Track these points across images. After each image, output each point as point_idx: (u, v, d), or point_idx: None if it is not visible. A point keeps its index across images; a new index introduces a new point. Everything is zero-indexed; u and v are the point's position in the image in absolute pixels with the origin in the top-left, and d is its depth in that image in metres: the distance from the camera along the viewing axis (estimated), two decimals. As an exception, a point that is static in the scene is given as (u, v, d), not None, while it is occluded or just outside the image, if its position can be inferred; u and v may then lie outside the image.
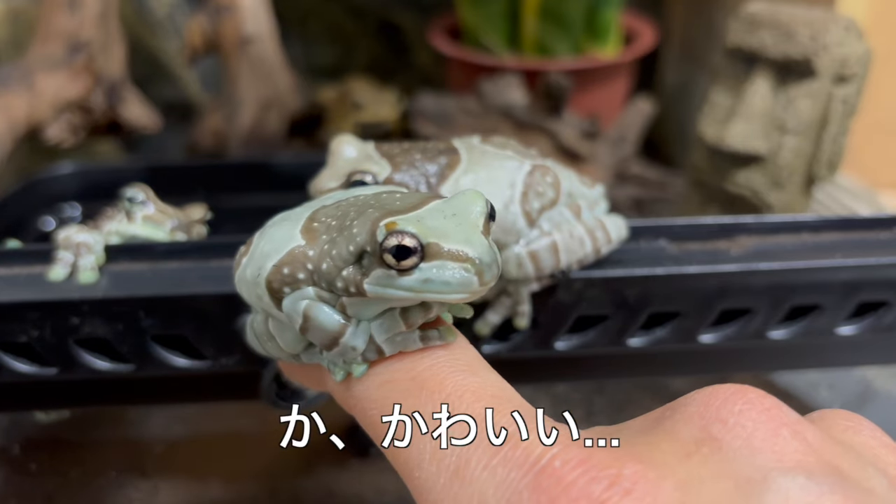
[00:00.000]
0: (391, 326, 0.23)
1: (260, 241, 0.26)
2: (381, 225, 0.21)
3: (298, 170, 0.53)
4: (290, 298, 0.24)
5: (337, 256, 0.23)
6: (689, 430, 0.19)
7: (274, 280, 0.24)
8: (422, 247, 0.21)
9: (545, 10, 0.76)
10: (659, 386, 0.49)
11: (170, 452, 0.44)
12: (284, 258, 0.24)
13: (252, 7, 0.66)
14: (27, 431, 0.45)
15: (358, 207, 0.24)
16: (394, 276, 0.21)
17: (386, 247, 0.21)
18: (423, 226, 0.21)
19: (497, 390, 0.22)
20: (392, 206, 0.23)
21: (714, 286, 0.34)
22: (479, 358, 0.24)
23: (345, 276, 0.22)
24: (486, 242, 0.22)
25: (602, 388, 0.49)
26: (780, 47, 0.50)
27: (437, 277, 0.21)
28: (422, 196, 0.24)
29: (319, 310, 0.23)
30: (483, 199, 0.23)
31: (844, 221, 0.38)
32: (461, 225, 0.22)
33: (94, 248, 0.34)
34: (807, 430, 0.19)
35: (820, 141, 0.52)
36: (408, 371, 0.23)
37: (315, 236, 0.24)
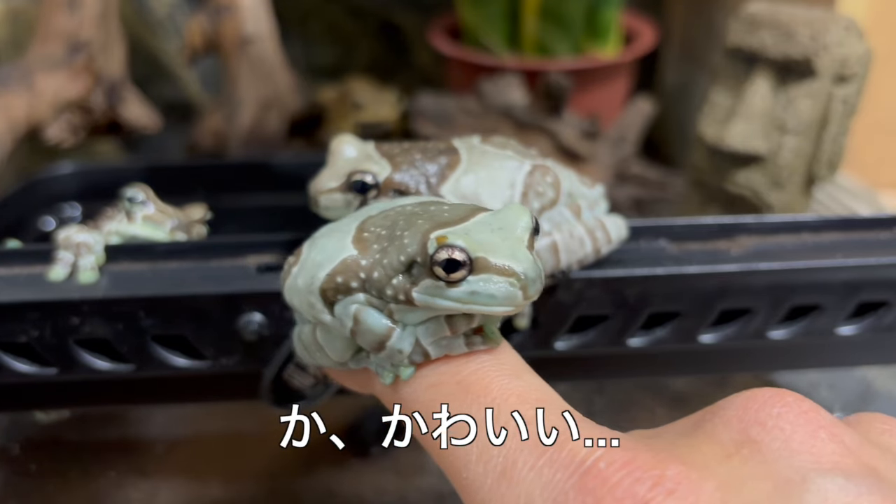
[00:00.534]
0: (437, 330, 0.24)
1: (311, 251, 0.26)
2: (433, 237, 0.22)
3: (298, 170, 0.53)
4: (341, 304, 0.25)
5: (388, 265, 0.24)
6: (728, 432, 0.20)
7: (328, 288, 0.25)
8: (470, 260, 0.22)
9: (545, 10, 0.76)
10: (659, 386, 0.49)
11: (170, 453, 0.44)
12: (338, 267, 0.25)
13: (252, 7, 0.66)
14: (27, 431, 0.45)
15: (406, 217, 0.25)
16: (442, 287, 0.22)
17: (436, 259, 0.22)
18: (472, 239, 0.22)
19: (541, 394, 0.22)
20: (441, 218, 0.24)
21: (714, 286, 0.34)
22: (523, 362, 0.24)
23: (395, 284, 0.23)
24: (531, 257, 0.23)
25: (602, 387, 0.49)
26: (780, 47, 0.50)
27: (484, 290, 0.22)
28: (468, 208, 0.25)
29: (368, 314, 0.24)
30: (528, 213, 0.24)
31: (844, 221, 0.38)
32: (507, 239, 0.23)
33: (94, 248, 0.34)
34: (844, 432, 0.19)
35: (820, 141, 0.52)
36: (454, 374, 0.23)
37: (366, 246, 0.25)
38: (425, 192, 0.31)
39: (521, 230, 0.23)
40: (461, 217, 0.24)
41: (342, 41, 0.95)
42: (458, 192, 0.31)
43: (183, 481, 0.42)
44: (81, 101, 0.61)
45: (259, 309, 0.33)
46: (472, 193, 0.31)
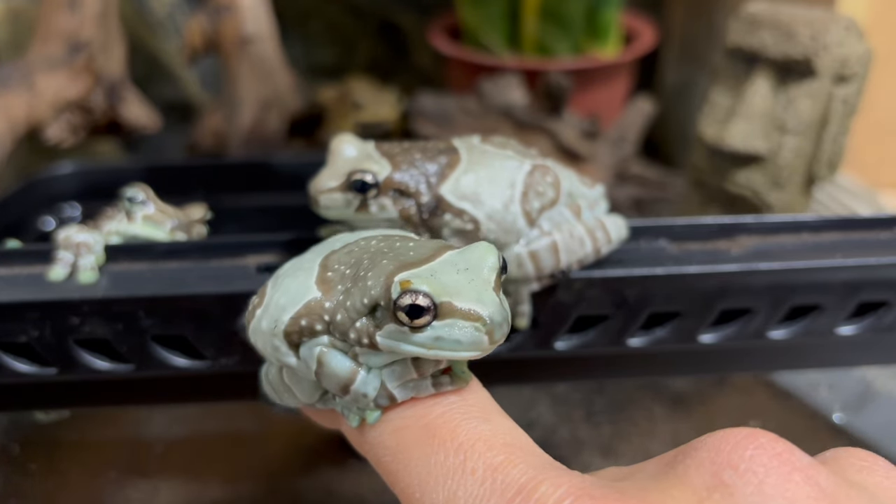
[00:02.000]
0: (403, 373, 0.23)
1: (274, 292, 0.26)
2: (396, 281, 0.22)
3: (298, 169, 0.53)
4: (306, 346, 0.24)
5: (351, 308, 0.23)
6: (700, 476, 0.19)
7: (292, 332, 0.24)
8: (435, 305, 0.21)
9: (545, 10, 0.76)
10: (659, 386, 0.49)
11: (170, 452, 0.44)
12: (301, 310, 0.24)
13: (252, 7, 0.66)
14: (27, 431, 0.45)
15: (370, 256, 0.24)
16: (406, 333, 0.22)
17: (400, 305, 0.21)
18: (437, 282, 0.22)
19: (509, 438, 0.22)
20: (406, 258, 0.23)
21: (714, 286, 0.34)
22: (492, 402, 0.24)
23: (358, 327, 0.23)
24: (497, 300, 0.22)
25: (602, 387, 0.49)
26: (780, 47, 0.50)
27: (449, 336, 0.22)
28: (434, 246, 0.24)
29: (332, 356, 0.24)
30: (495, 253, 0.23)
31: (844, 221, 0.38)
32: (473, 281, 0.22)
33: (94, 247, 0.34)
34: (819, 473, 0.19)
35: (820, 141, 0.52)
36: (420, 418, 0.23)
37: (330, 287, 0.24)
38: (425, 192, 0.31)
39: (488, 271, 0.23)
40: (426, 256, 0.23)
41: (342, 41, 0.95)
42: (457, 192, 0.31)
43: (183, 481, 0.42)
44: (81, 101, 0.61)
45: (259, 309, 0.33)
46: (471, 193, 0.31)
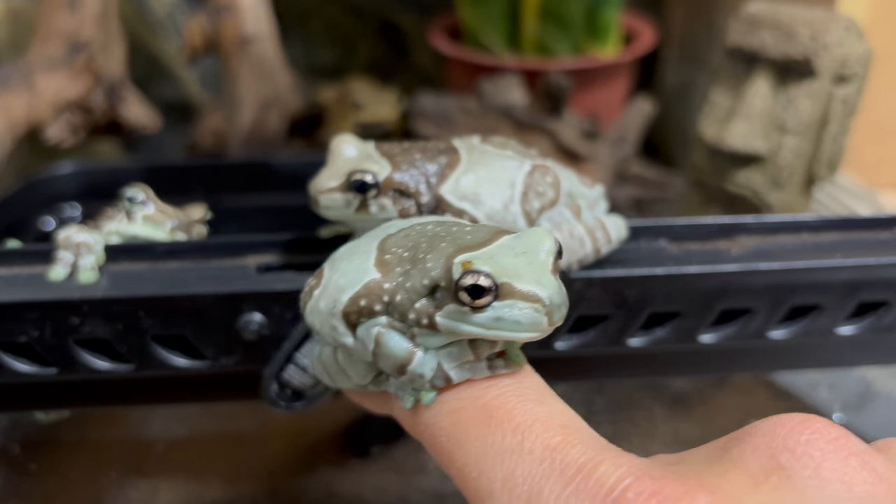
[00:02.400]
0: (460, 355, 0.24)
1: (332, 274, 0.26)
2: (457, 262, 0.22)
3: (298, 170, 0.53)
4: (364, 326, 0.24)
5: (411, 289, 0.23)
6: (756, 459, 0.19)
7: (351, 312, 0.25)
8: (496, 286, 0.22)
9: (545, 10, 0.76)
10: (660, 386, 0.49)
11: (170, 452, 0.44)
12: (361, 290, 0.24)
13: (252, 7, 0.66)
14: (27, 431, 0.45)
15: (428, 239, 0.25)
16: (467, 313, 0.22)
17: (462, 285, 0.22)
18: (497, 264, 0.22)
19: (566, 420, 0.22)
20: (464, 241, 0.24)
21: (714, 286, 0.34)
22: (546, 386, 0.24)
23: (417, 308, 0.23)
24: (555, 283, 0.22)
25: (602, 387, 0.49)
26: (780, 47, 0.50)
27: (509, 317, 0.22)
28: (491, 230, 0.24)
29: (391, 337, 0.24)
30: (552, 237, 0.24)
31: (844, 221, 0.38)
32: (532, 264, 0.23)
33: (94, 247, 0.34)
34: (875, 459, 0.19)
35: (820, 141, 0.52)
36: (476, 399, 0.23)
37: (389, 269, 0.24)
38: (425, 192, 0.31)
39: (545, 254, 0.23)
40: (484, 240, 0.23)
41: (342, 41, 0.95)
42: (457, 192, 0.31)
43: (183, 481, 0.42)
44: (81, 101, 0.61)
45: (259, 309, 0.33)
46: (471, 193, 0.31)
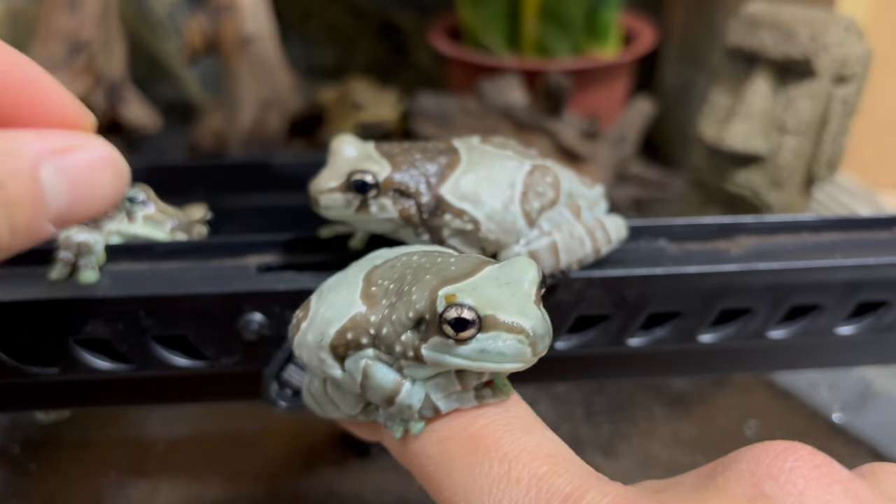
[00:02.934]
0: (447, 385, 0.24)
1: (319, 306, 0.26)
2: (441, 295, 0.22)
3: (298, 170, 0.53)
4: (352, 359, 0.25)
5: (397, 322, 0.24)
6: (741, 487, 0.20)
7: (339, 344, 0.25)
8: (479, 318, 0.22)
9: (545, 11, 0.76)
10: (659, 386, 0.49)
11: (170, 452, 0.44)
12: (347, 324, 0.25)
13: (252, 7, 0.66)
14: (27, 431, 0.45)
15: (413, 271, 0.25)
16: (451, 345, 0.22)
17: (446, 318, 0.22)
18: (480, 296, 0.22)
19: (553, 449, 0.22)
20: (448, 273, 0.24)
21: (714, 286, 0.34)
22: (533, 415, 0.24)
23: (403, 340, 0.23)
24: (539, 313, 0.23)
25: (602, 387, 0.49)
26: (780, 47, 0.50)
27: (493, 348, 0.22)
28: (475, 261, 0.25)
29: (378, 369, 0.24)
30: (535, 267, 0.24)
31: (844, 221, 0.38)
32: (515, 294, 0.23)
33: (95, 247, 0.34)
34: (858, 486, 0.19)
35: (820, 141, 0.52)
36: (464, 429, 0.23)
37: (375, 301, 0.25)
38: (425, 192, 0.31)
39: (528, 284, 0.23)
40: (468, 271, 0.24)
41: (342, 41, 0.95)
42: (457, 192, 0.31)
43: (183, 481, 0.42)
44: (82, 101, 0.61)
45: (259, 309, 0.33)
46: (471, 193, 0.31)
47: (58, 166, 0.22)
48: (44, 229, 0.22)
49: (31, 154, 0.21)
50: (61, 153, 0.22)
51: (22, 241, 0.22)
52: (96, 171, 0.22)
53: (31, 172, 0.21)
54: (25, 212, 0.21)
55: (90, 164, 0.22)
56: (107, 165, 0.23)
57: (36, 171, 0.21)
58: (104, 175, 0.23)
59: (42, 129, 0.22)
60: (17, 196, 0.20)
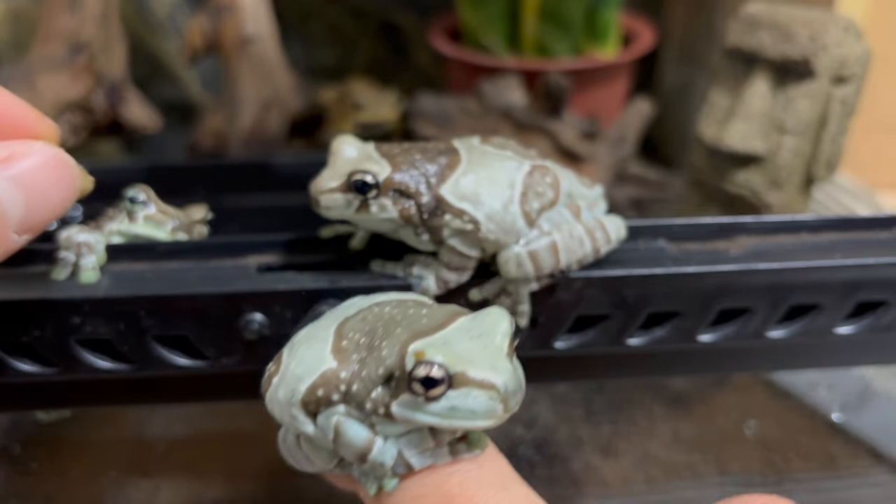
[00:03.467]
0: (420, 442, 0.24)
1: (290, 361, 0.26)
2: (411, 352, 0.22)
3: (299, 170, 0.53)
4: (323, 415, 0.24)
5: (367, 378, 0.23)
6: None
7: (309, 402, 0.24)
8: (449, 376, 0.22)
9: (545, 11, 0.76)
10: (659, 385, 0.49)
11: (171, 452, 0.44)
12: (318, 380, 0.24)
13: (252, 7, 0.66)
14: (28, 431, 0.45)
15: (385, 324, 0.25)
16: (421, 403, 0.22)
17: (415, 376, 0.21)
18: (451, 351, 0.22)
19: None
20: (419, 326, 0.23)
21: (713, 286, 0.35)
22: (508, 468, 0.24)
23: (374, 397, 0.23)
24: (510, 368, 0.22)
25: (602, 387, 0.49)
26: (779, 48, 0.50)
27: (464, 406, 0.22)
28: (447, 312, 0.24)
29: (349, 426, 0.24)
30: (507, 318, 0.24)
31: (843, 221, 0.38)
32: (487, 348, 0.22)
33: (96, 247, 0.34)
34: None
35: (819, 141, 0.52)
36: (438, 486, 0.23)
37: (346, 356, 0.24)
38: (425, 192, 0.31)
39: (501, 337, 0.23)
40: (440, 323, 0.23)
41: (342, 42, 0.95)
42: (457, 192, 0.31)
43: (184, 480, 0.42)
44: (82, 102, 0.61)
45: (260, 309, 0.33)
46: (471, 193, 0.31)
47: (6, 176, 0.22)
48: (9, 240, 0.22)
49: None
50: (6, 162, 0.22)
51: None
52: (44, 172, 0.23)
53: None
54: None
55: (37, 168, 0.23)
56: (53, 166, 0.23)
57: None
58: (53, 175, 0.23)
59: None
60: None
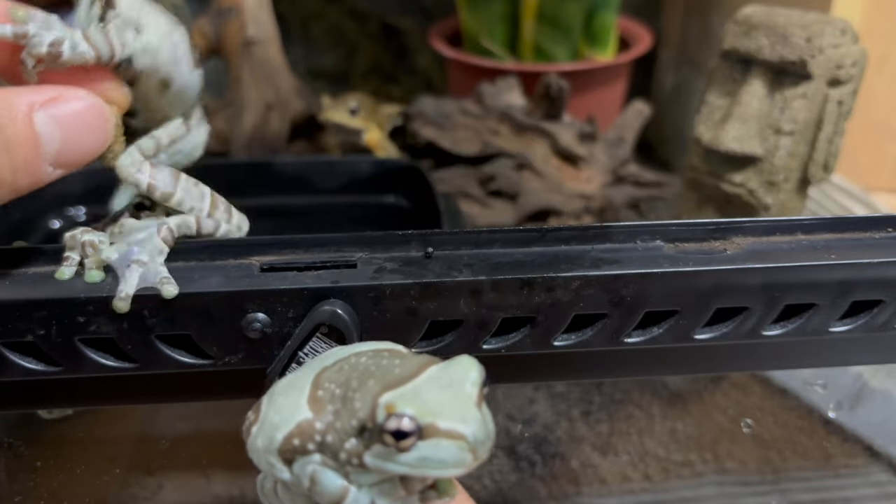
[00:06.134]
0: (391, 491, 0.24)
1: (269, 410, 0.27)
2: (381, 404, 0.23)
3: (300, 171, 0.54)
4: (299, 464, 0.25)
5: (341, 429, 0.24)
6: None
7: (286, 450, 0.25)
8: (419, 427, 0.22)
9: (543, 15, 0.76)
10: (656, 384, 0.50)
11: (174, 450, 0.44)
12: (294, 430, 0.25)
13: (255, 10, 0.67)
14: (33, 428, 0.45)
15: (359, 375, 0.25)
16: (393, 453, 0.23)
17: (385, 428, 0.22)
18: (421, 402, 0.23)
19: None
20: (391, 376, 0.24)
21: (709, 285, 0.35)
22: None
23: (347, 448, 0.24)
24: (479, 417, 0.23)
25: (600, 385, 0.50)
26: (775, 50, 0.51)
27: (434, 456, 0.22)
28: (419, 361, 0.25)
29: (324, 475, 0.25)
30: (476, 367, 0.24)
31: (839, 222, 0.38)
32: (457, 397, 0.23)
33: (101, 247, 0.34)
34: None
35: (815, 142, 0.52)
36: None
37: (321, 407, 0.25)
38: None
39: (470, 386, 0.24)
40: (411, 373, 0.24)
41: (343, 44, 0.96)
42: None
43: (187, 478, 0.42)
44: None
45: (262, 308, 0.33)
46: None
47: (50, 113, 0.25)
48: (44, 170, 0.26)
49: (26, 102, 0.24)
50: (52, 102, 0.25)
51: (24, 180, 0.25)
52: (83, 116, 0.26)
53: (25, 118, 0.24)
54: (24, 152, 0.24)
55: (78, 111, 0.26)
56: (93, 112, 0.26)
57: (30, 117, 0.24)
58: (90, 120, 0.26)
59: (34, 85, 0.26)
60: (14, 138, 0.23)
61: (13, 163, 0.24)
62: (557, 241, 0.35)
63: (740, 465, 0.45)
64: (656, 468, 0.44)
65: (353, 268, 0.34)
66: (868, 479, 0.44)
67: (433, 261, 0.34)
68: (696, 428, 0.47)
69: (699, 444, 0.46)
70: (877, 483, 0.44)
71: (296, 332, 0.34)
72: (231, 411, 0.49)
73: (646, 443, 0.46)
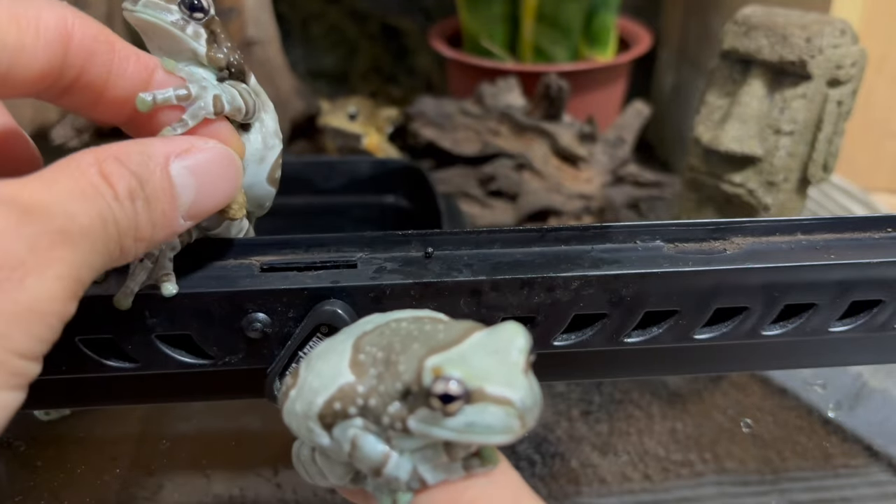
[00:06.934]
0: (434, 457, 0.24)
1: (308, 374, 0.26)
2: (428, 367, 0.22)
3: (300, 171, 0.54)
4: (339, 428, 0.25)
5: (384, 392, 0.24)
6: None
7: (326, 415, 0.25)
8: (467, 391, 0.22)
9: (543, 16, 0.76)
10: (656, 384, 0.50)
11: (174, 450, 0.44)
12: (335, 394, 0.25)
13: (255, 10, 0.67)
14: (33, 428, 0.45)
15: (402, 339, 0.25)
16: (438, 418, 0.22)
17: (432, 391, 0.22)
18: (468, 367, 0.22)
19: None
20: (436, 341, 0.24)
21: (709, 285, 0.35)
22: (521, 483, 0.24)
23: (391, 412, 0.23)
24: (527, 384, 0.22)
25: (600, 385, 0.50)
26: (775, 50, 0.51)
27: (481, 421, 0.22)
28: (464, 327, 0.24)
29: (366, 439, 0.24)
30: (523, 334, 0.24)
31: (838, 222, 0.38)
32: (504, 364, 0.23)
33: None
34: None
35: (815, 142, 0.52)
36: (451, 501, 0.23)
37: (363, 370, 0.25)
38: None
39: (517, 353, 0.23)
40: (456, 338, 0.23)
41: (343, 45, 0.96)
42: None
43: (187, 478, 0.42)
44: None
45: (262, 308, 0.33)
46: None
47: (185, 164, 0.24)
48: (178, 223, 0.25)
49: (163, 154, 0.24)
50: (186, 153, 0.25)
51: (161, 233, 0.24)
52: (216, 166, 0.26)
53: (164, 171, 0.23)
54: (162, 205, 0.24)
55: (211, 161, 0.26)
56: (225, 161, 0.26)
57: (167, 169, 0.24)
58: (222, 171, 0.26)
59: (165, 137, 0.25)
60: (154, 192, 0.23)
61: (152, 216, 0.23)
62: (557, 241, 0.35)
63: (740, 464, 0.45)
64: (656, 468, 0.44)
65: (353, 268, 0.34)
66: (867, 479, 0.44)
67: (433, 261, 0.34)
68: (695, 428, 0.47)
69: (699, 443, 0.46)
70: (876, 483, 0.44)
71: (296, 332, 0.34)
72: (231, 411, 0.49)
73: (645, 443, 0.46)
